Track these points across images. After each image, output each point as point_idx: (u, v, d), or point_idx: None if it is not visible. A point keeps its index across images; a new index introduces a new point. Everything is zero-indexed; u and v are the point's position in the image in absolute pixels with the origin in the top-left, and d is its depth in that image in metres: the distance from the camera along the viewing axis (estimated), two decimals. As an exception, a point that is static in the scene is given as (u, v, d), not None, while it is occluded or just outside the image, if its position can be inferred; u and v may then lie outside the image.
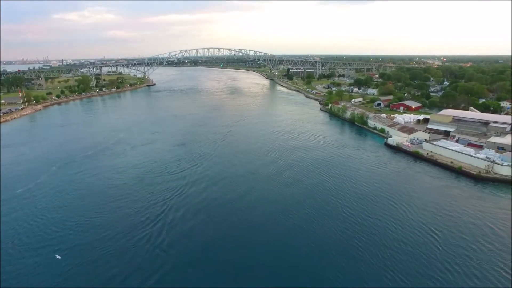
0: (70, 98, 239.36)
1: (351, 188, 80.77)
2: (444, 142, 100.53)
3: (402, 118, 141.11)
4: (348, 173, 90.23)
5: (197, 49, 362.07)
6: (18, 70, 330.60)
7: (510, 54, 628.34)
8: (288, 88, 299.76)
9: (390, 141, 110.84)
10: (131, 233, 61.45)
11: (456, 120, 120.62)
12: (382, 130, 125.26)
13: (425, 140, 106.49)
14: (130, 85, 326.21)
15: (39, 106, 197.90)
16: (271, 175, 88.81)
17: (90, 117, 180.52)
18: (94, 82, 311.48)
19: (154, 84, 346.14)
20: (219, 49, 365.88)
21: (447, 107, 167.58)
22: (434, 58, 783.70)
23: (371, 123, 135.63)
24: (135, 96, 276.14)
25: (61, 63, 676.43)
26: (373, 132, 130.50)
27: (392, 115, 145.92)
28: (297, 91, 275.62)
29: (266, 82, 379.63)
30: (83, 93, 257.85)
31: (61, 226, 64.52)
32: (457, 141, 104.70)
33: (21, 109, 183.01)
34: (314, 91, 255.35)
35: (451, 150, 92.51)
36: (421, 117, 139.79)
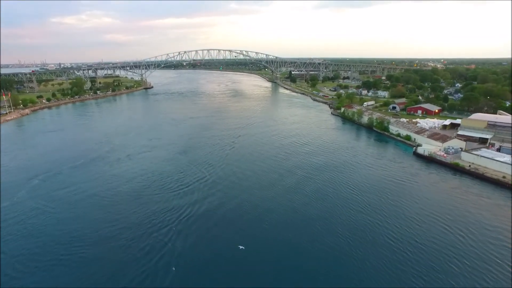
0: (61, 102, 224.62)
1: (390, 208, 67.33)
2: (486, 152, 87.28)
3: (425, 123, 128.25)
4: (383, 190, 76.58)
5: (196, 51, 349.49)
6: (32, 71, 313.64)
7: (510, 56, 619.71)
8: (293, 91, 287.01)
9: (420, 150, 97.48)
10: (126, 276, 47.45)
11: (491, 126, 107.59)
12: (408, 137, 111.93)
13: (462, 149, 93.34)
14: (127, 88, 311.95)
15: (27, 110, 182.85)
16: (297, 204, 69.41)
17: (82, 122, 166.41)
18: (88, 85, 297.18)
19: (152, 87, 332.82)
20: (219, 50, 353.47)
21: (469, 111, 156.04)
22: (433, 61, 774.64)
23: (393, 129, 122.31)
24: (131, 100, 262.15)
25: (58, 67, 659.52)
26: (397, 140, 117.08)
27: (414, 120, 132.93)
28: (303, 94, 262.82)
29: (268, 84, 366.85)
30: (76, 97, 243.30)
31: (30, 265, 50.23)
32: (498, 150, 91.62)
33: (6, 113, 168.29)
34: (321, 94, 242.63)
35: (500, 162, 79.15)
36: (447, 121, 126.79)
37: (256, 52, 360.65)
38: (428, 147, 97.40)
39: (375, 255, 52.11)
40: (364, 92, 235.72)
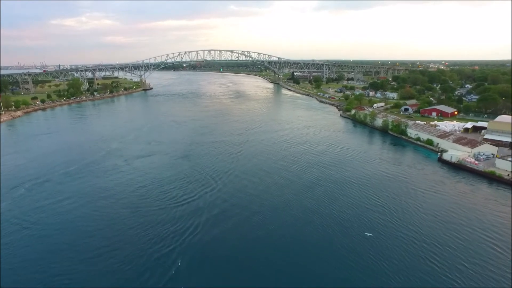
0: (56, 103, 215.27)
1: (429, 225, 58.41)
2: (524, 159, 78.31)
3: (444, 125, 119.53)
4: (415, 203, 67.73)
5: (197, 51, 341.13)
6: (44, 70, 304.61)
7: (510, 58, 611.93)
8: (296, 92, 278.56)
9: (447, 156, 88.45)
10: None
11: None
12: (430, 142, 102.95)
13: (493, 156, 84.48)
14: (125, 89, 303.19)
15: (19, 112, 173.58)
16: (321, 228, 58.07)
17: (77, 124, 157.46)
18: (86, 86, 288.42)
19: (151, 88, 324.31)
20: (220, 51, 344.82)
21: (487, 113, 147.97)
22: (434, 62, 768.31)
23: (411, 132, 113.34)
24: (130, 101, 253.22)
25: (58, 68, 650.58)
26: (416, 144, 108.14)
27: (432, 123, 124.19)
28: (307, 95, 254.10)
29: (271, 86, 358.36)
30: (72, 98, 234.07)
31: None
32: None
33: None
34: (327, 95, 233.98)
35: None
36: (468, 124, 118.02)
37: (258, 53, 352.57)
38: (455, 153, 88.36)
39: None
40: (372, 93, 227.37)
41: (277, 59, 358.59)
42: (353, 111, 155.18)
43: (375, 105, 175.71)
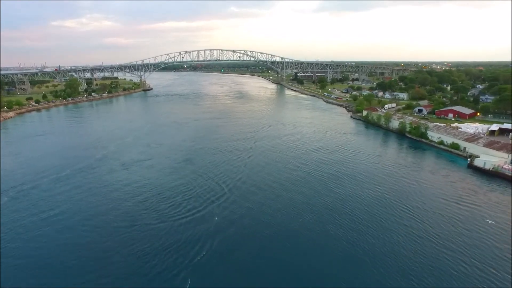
0: (52, 104, 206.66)
1: (473, 243, 49.74)
2: None
3: (467, 127, 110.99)
4: (451, 216, 59.32)
5: (198, 51, 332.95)
6: (56, 69, 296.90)
7: (510, 59, 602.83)
8: (301, 93, 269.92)
9: (479, 162, 79.63)
10: None
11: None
12: (456, 146, 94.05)
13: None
14: (124, 89, 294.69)
15: (11, 113, 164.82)
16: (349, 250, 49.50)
17: (73, 125, 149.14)
18: (84, 86, 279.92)
19: (151, 89, 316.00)
20: (222, 50, 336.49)
21: (507, 114, 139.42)
22: (436, 63, 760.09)
23: (433, 135, 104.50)
24: (129, 102, 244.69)
25: (58, 69, 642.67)
26: (439, 148, 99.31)
27: (453, 125, 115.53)
28: (313, 96, 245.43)
29: (274, 86, 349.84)
30: (69, 98, 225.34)
31: None
32: None
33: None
34: (333, 96, 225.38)
35: None
36: (494, 126, 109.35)
37: (261, 53, 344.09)
38: (489, 158, 79.61)
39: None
40: (380, 94, 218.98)
41: (280, 59, 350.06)
42: (365, 112, 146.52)
43: (386, 106, 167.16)
